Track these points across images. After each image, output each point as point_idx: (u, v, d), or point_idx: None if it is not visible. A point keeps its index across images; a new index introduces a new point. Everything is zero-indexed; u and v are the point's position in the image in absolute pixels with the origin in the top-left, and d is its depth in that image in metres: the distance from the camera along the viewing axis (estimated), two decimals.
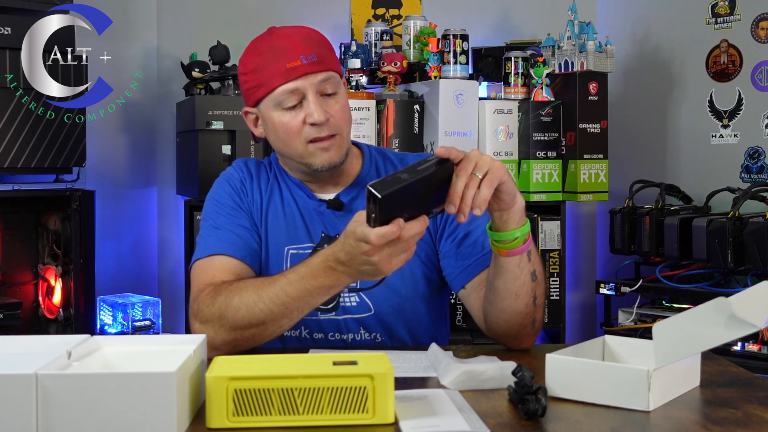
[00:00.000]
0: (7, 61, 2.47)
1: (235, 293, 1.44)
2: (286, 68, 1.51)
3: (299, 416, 1.05)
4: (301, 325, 1.61)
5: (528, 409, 1.08)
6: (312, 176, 1.63)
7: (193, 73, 2.92)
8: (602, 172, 2.89)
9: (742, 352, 2.50)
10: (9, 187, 2.55)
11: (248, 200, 1.64)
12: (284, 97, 1.53)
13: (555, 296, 2.86)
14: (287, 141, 1.56)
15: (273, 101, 1.54)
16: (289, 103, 1.53)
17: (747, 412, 1.13)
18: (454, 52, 2.86)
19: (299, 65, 1.52)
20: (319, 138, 1.54)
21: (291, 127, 1.54)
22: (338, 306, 1.60)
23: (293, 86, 1.52)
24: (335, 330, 1.60)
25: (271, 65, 1.53)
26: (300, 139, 1.54)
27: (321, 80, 1.53)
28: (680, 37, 3.21)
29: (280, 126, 1.55)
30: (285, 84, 1.52)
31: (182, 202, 2.88)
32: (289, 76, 1.52)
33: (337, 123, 1.55)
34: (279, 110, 1.54)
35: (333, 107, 1.55)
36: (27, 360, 1.05)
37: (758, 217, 2.58)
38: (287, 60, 1.52)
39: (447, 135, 2.79)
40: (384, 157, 1.71)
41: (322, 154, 1.55)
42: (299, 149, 1.55)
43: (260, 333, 1.44)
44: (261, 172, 1.68)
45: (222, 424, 1.05)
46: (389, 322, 1.61)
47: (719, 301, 1.11)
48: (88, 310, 2.66)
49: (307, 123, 1.53)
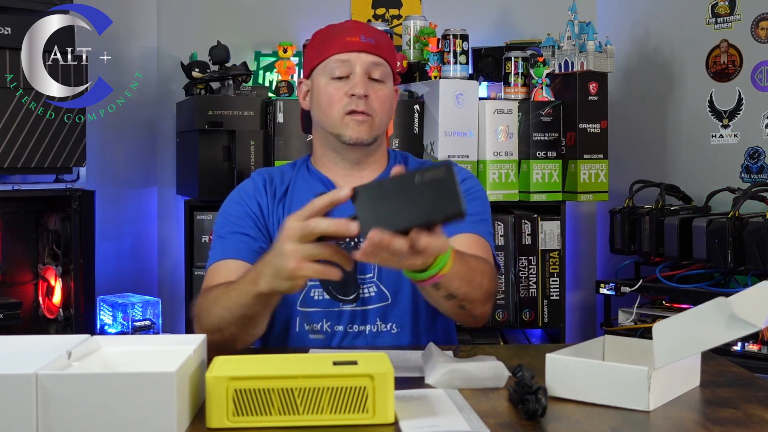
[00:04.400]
0: (7, 61, 2.47)
1: (208, 297, 1.47)
2: (345, 40, 1.63)
3: (299, 416, 1.05)
4: (323, 317, 1.62)
5: (528, 409, 1.08)
6: (342, 158, 1.68)
7: (193, 73, 2.92)
8: (602, 172, 2.89)
9: (742, 352, 2.50)
10: (9, 187, 2.55)
11: (264, 204, 1.67)
12: (335, 65, 1.63)
13: (555, 296, 2.86)
14: (327, 109, 1.64)
15: (324, 68, 1.64)
16: (338, 73, 1.63)
17: (747, 412, 1.13)
18: (454, 52, 2.86)
19: (357, 41, 1.63)
20: (355, 111, 1.61)
21: (334, 96, 1.63)
22: (358, 297, 1.62)
23: (345, 57, 1.62)
24: (353, 322, 1.62)
25: (334, 38, 1.65)
26: (338, 108, 1.62)
27: (372, 62, 1.63)
28: (680, 37, 3.21)
29: (324, 93, 1.64)
30: (339, 54, 1.62)
31: (182, 202, 2.88)
32: (345, 48, 1.63)
33: (374, 105, 1.63)
34: (327, 78, 1.63)
35: (376, 91, 1.64)
36: (27, 360, 1.05)
37: (758, 217, 2.58)
38: (347, 35, 1.64)
39: (447, 135, 2.79)
40: (406, 159, 1.77)
41: (354, 126, 1.62)
42: (336, 118, 1.63)
43: (223, 339, 1.40)
44: (284, 175, 1.73)
45: (222, 424, 1.05)
46: (406, 312, 1.63)
47: (719, 301, 1.11)
48: (88, 310, 2.66)
49: (348, 94, 1.61)
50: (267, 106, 2.80)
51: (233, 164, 2.74)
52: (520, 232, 2.83)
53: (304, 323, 1.64)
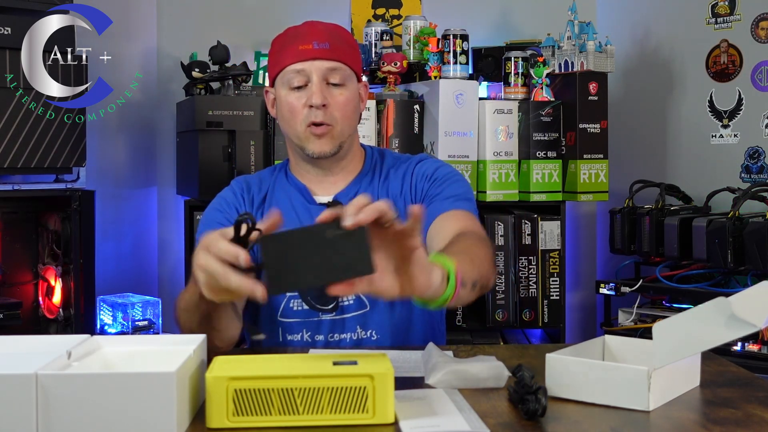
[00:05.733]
0: (7, 61, 2.47)
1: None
2: (298, 49, 1.62)
3: (299, 416, 1.05)
4: (303, 328, 1.62)
5: (528, 409, 1.08)
6: (312, 166, 1.68)
7: (193, 73, 2.92)
8: (602, 172, 2.89)
9: (742, 352, 2.50)
10: (9, 187, 2.55)
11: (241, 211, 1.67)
12: (291, 75, 1.62)
13: (555, 296, 2.86)
14: (290, 121, 1.64)
15: (283, 79, 1.64)
16: (296, 83, 1.62)
17: (747, 412, 1.13)
18: (454, 52, 2.86)
19: (309, 48, 1.61)
20: (315, 123, 1.61)
21: (294, 107, 1.62)
22: (338, 306, 1.61)
23: (300, 67, 1.61)
24: (333, 331, 1.61)
25: (288, 46, 1.63)
26: (300, 120, 1.62)
27: (328, 68, 1.61)
28: (680, 37, 3.21)
29: (285, 105, 1.64)
30: (293, 64, 1.61)
31: (182, 202, 2.88)
32: (299, 57, 1.61)
33: (333, 113, 1.61)
34: (287, 89, 1.64)
35: (336, 97, 1.62)
36: (27, 360, 1.05)
37: (758, 217, 2.58)
38: (300, 42, 1.62)
39: (447, 135, 2.79)
40: (382, 157, 1.74)
41: (315, 140, 1.62)
42: (299, 131, 1.63)
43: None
44: (262, 183, 1.73)
45: (222, 424, 1.05)
46: (385, 318, 1.62)
47: (719, 301, 1.11)
48: (88, 310, 2.66)
49: (307, 105, 1.60)
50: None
51: (233, 164, 2.74)
52: (520, 232, 2.83)
53: (286, 334, 1.64)
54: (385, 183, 1.69)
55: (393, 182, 1.68)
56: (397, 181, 1.68)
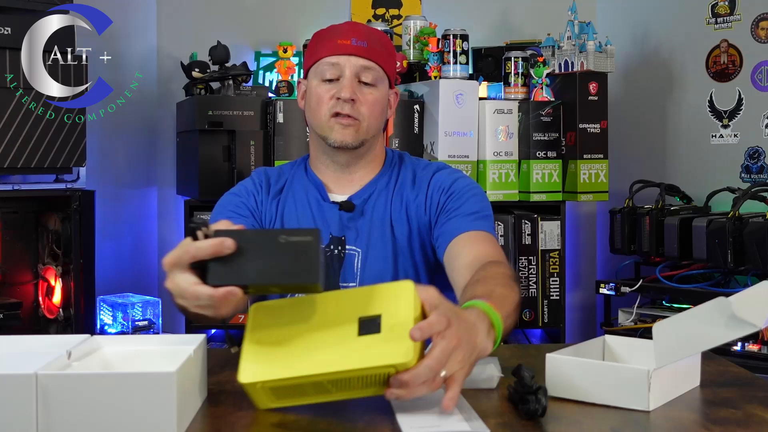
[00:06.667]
0: (7, 61, 2.47)
1: None
2: (336, 43, 1.63)
3: (333, 394, 1.09)
4: None
5: (528, 409, 1.07)
6: (331, 161, 1.68)
7: (193, 73, 2.92)
8: (602, 172, 2.89)
9: (742, 352, 2.51)
10: (9, 187, 2.55)
11: (259, 200, 1.69)
12: (325, 68, 1.63)
13: (555, 296, 2.86)
14: (316, 110, 1.64)
15: (316, 70, 1.65)
16: (328, 75, 1.63)
17: (747, 412, 1.13)
18: (454, 52, 2.87)
19: (347, 44, 1.63)
20: (341, 113, 1.62)
21: (322, 97, 1.63)
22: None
23: (335, 60, 1.63)
24: None
25: (327, 40, 1.65)
26: (325, 110, 1.63)
27: (362, 65, 1.63)
28: (680, 38, 3.21)
29: (315, 94, 1.65)
30: (329, 56, 1.63)
31: (182, 202, 2.88)
32: (336, 51, 1.63)
33: (361, 109, 1.63)
34: (318, 80, 1.64)
35: (365, 95, 1.64)
36: (27, 360, 1.05)
37: (758, 217, 2.58)
38: (339, 37, 1.64)
39: (447, 135, 2.79)
40: (401, 161, 1.75)
41: (339, 129, 1.63)
42: (323, 120, 1.64)
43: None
44: (281, 175, 1.74)
45: (266, 406, 1.12)
46: None
47: (719, 301, 1.11)
48: (88, 310, 2.66)
49: (335, 97, 1.62)
50: (267, 106, 2.80)
51: (233, 164, 2.74)
52: (520, 232, 2.83)
53: None
54: (399, 189, 1.69)
55: (407, 189, 1.68)
56: (413, 189, 1.68)
